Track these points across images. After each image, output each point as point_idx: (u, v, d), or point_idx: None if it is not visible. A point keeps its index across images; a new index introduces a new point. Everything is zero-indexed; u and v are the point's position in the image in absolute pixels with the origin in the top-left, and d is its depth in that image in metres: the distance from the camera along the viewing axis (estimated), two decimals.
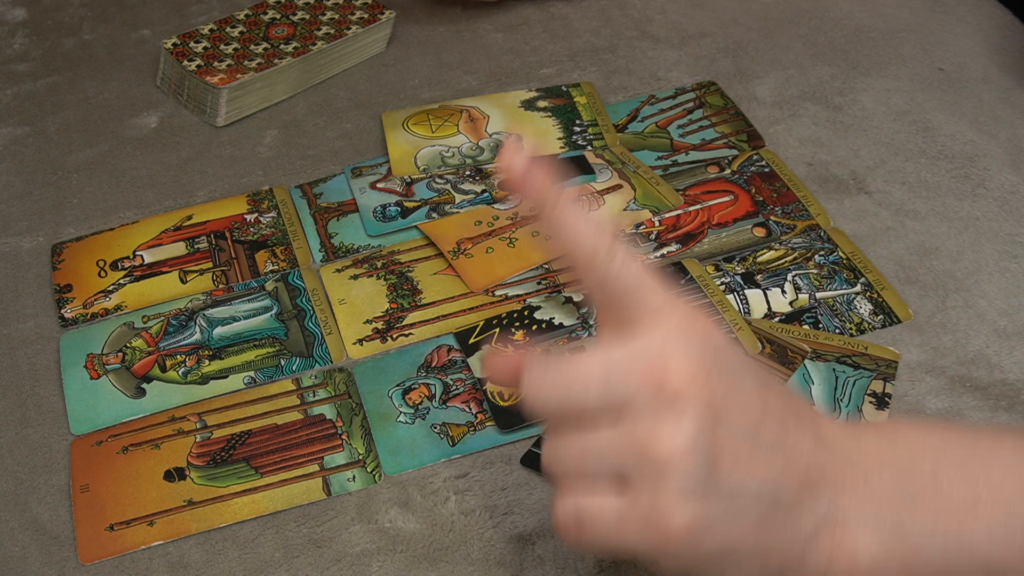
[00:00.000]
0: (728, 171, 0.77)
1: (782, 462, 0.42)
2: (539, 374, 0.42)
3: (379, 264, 0.71)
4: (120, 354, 0.67)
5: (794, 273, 0.69)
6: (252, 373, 0.65)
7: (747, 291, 0.68)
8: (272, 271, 0.71)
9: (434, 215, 0.74)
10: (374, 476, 0.60)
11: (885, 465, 0.44)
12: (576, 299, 0.68)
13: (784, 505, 0.42)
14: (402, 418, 0.62)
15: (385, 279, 0.70)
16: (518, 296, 0.69)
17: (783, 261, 0.70)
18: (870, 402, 0.61)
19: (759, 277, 0.69)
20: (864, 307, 0.67)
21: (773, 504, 0.42)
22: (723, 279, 0.69)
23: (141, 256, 0.73)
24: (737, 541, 0.42)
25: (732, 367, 0.42)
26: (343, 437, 0.62)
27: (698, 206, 0.74)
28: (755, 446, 0.41)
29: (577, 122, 0.81)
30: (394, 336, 0.67)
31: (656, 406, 0.40)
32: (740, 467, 0.41)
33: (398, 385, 0.64)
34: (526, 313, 0.67)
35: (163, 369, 0.66)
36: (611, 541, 0.42)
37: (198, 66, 0.83)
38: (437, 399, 0.63)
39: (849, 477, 0.44)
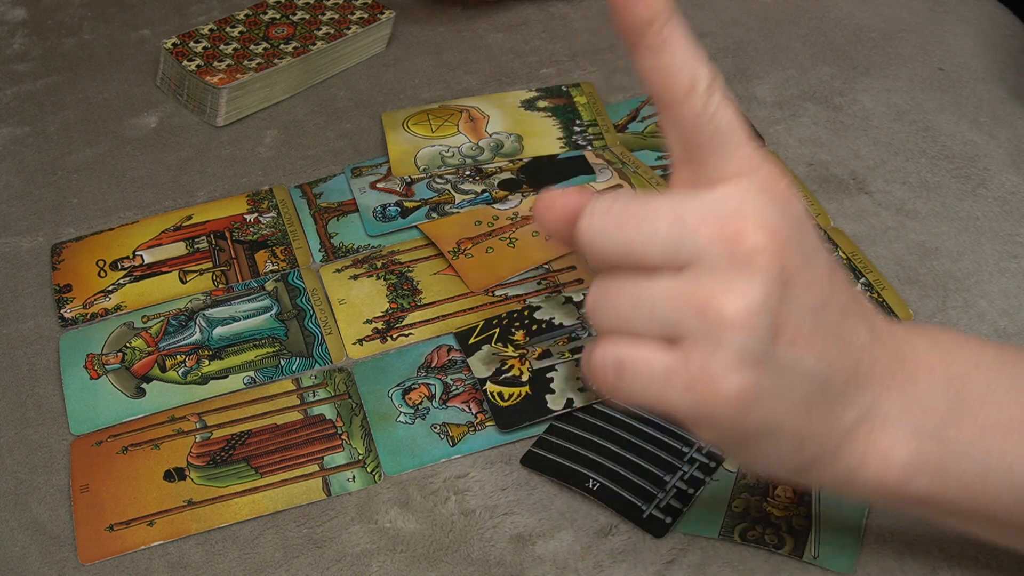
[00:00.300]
0: None
1: (837, 348, 0.41)
2: (604, 208, 0.40)
3: (379, 264, 0.71)
4: (120, 354, 0.67)
5: None
6: (252, 373, 0.65)
7: None
8: (272, 271, 0.71)
9: (434, 215, 0.74)
10: (374, 476, 0.60)
11: (936, 372, 0.43)
12: (576, 299, 0.68)
13: (831, 392, 0.41)
14: (402, 418, 0.62)
15: (385, 279, 0.70)
16: (518, 296, 0.69)
17: None
18: None
19: None
20: None
21: (822, 388, 0.41)
22: None
23: (141, 256, 0.73)
24: (780, 420, 0.40)
25: (807, 241, 0.40)
26: (343, 437, 0.62)
27: None
28: (816, 327, 0.40)
29: (577, 122, 0.81)
30: (394, 336, 0.67)
31: (727, 263, 0.38)
32: (799, 344, 0.39)
33: (398, 385, 0.64)
34: (526, 313, 0.67)
35: (163, 369, 0.66)
36: (651, 395, 0.40)
37: (198, 66, 0.83)
38: (437, 399, 0.63)
39: (898, 378, 0.43)
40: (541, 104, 0.83)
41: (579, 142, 0.79)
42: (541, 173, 0.77)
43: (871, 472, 0.43)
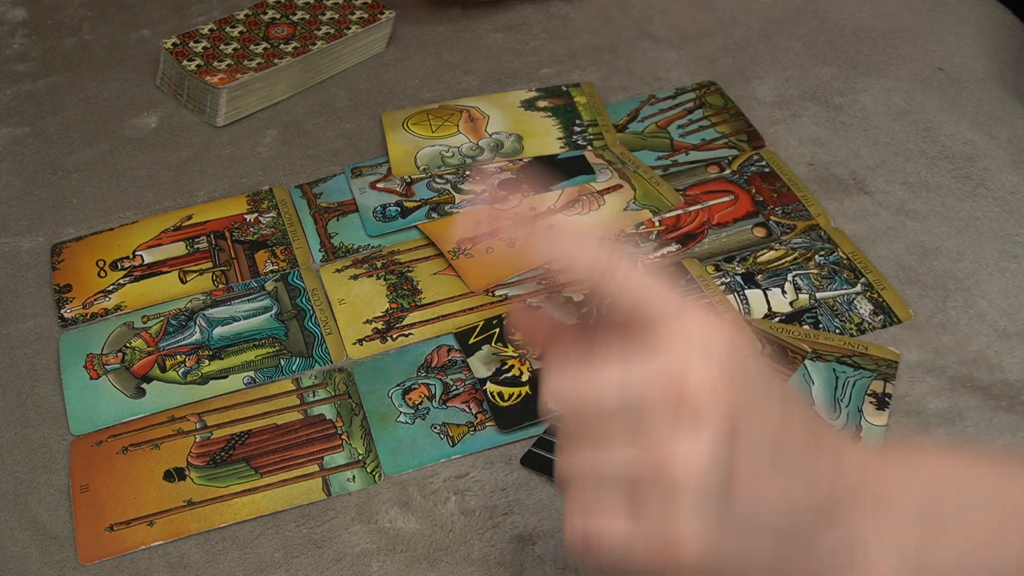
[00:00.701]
0: (728, 171, 0.77)
1: (802, 486, 0.41)
2: (558, 380, 0.41)
3: (379, 264, 0.71)
4: (120, 354, 0.67)
5: (794, 273, 0.69)
6: (252, 373, 0.65)
7: (747, 291, 0.68)
8: (272, 271, 0.71)
9: (434, 215, 0.74)
10: (374, 476, 0.60)
11: (909, 491, 0.43)
12: (576, 299, 0.68)
13: (802, 533, 0.41)
14: (402, 418, 0.62)
15: (385, 279, 0.70)
16: (518, 296, 0.69)
17: (783, 261, 0.70)
18: (870, 402, 0.61)
19: (759, 277, 0.69)
20: (864, 307, 0.67)
21: (790, 532, 0.41)
22: (723, 279, 0.69)
23: (141, 256, 0.73)
24: (752, 566, 0.40)
25: (754, 381, 0.40)
26: (343, 437, 0.62)
27: (698, 206, 0.74)
28: (774, 467, 0.40)
29: (577, 122, 0.81)
30: (394, 336, 0.67)
31: (674, 419, 0.38)
32: (757, 489, 0.39)
33: (398, 385, 0.64)
34: None
35: (163, 369, 0.66)
36: (619, 563, 0.40)
37: (198, 66, 0.83)
38: (437, 399, 0.63)
39: (871, 503, 0.42)
40: (541, 104, 0.83)
41: (579, 142, 0.79)
42: (541, 173, 0.77)
43: None
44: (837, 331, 0.65)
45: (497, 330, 0.66)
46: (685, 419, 0.38)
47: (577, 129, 0.80)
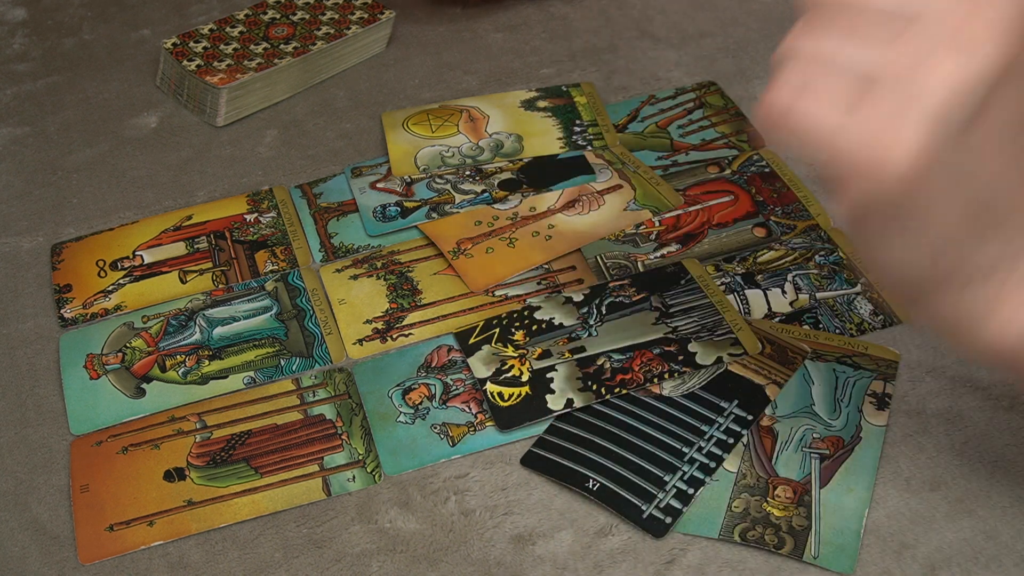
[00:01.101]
0: (728, 171, 0.77)
1: (1014, 178, 0.39)
2: None
3: (379, 264, 0.71)
4: (120, 354, 0.67)
5: (794, 273, 0.69)
6: (252, 373, 0.65)
7: (747, 291, 0.68)
8: (272, 271, 0.71)
9: (434, 215, 0.74)
10: (374, 476, 0.60)
11: None
12: (576, 299, 0.68)
13: (989, 214, 0.39)
14: (402, 418, 0.62)
15: (385, 279, 0.70)
16: (518, 296, 0.69)
17: (783, 261, 0.70)
18: (870, 402, 0.61)
19: (759, 277, 0.69)
20: (864, 307, 0.67)
21: (984, 203, 0.39)
22: (723, 279, 0.69)
23: (141, 256, 0.73)
24: (936, 209, 0.38)
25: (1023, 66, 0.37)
26: (343, 437, 0.62)
27: (698, 206, 0.74)
28: (1006, 143, 0.38)
29: (577, 122, 0.81)
30: (394, 336, 0.67)
31: (949, 38, 0.35)
32: (990, 143, 0.37)
33: (398, 385, 0.64)
34: (526, 313, 0.67)
35: (163, 369, 0.66)
36: (825, 127, 0.37)
37: (198, 66, 0.83)
38: (437, 399, 0.63)
39: None
40: (541, 104, 0.83)
41: (579, 142, 0.79)
42: (541, 173, 0.77)
43: (992, 324, 0.41)
44: (837, 331, 0.65)
45: (497, 330, 0.66)
46: (962, 44, 0.36)
47: (577, 129, 0.80)
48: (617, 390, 0.62)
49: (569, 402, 0.62)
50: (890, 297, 0.44)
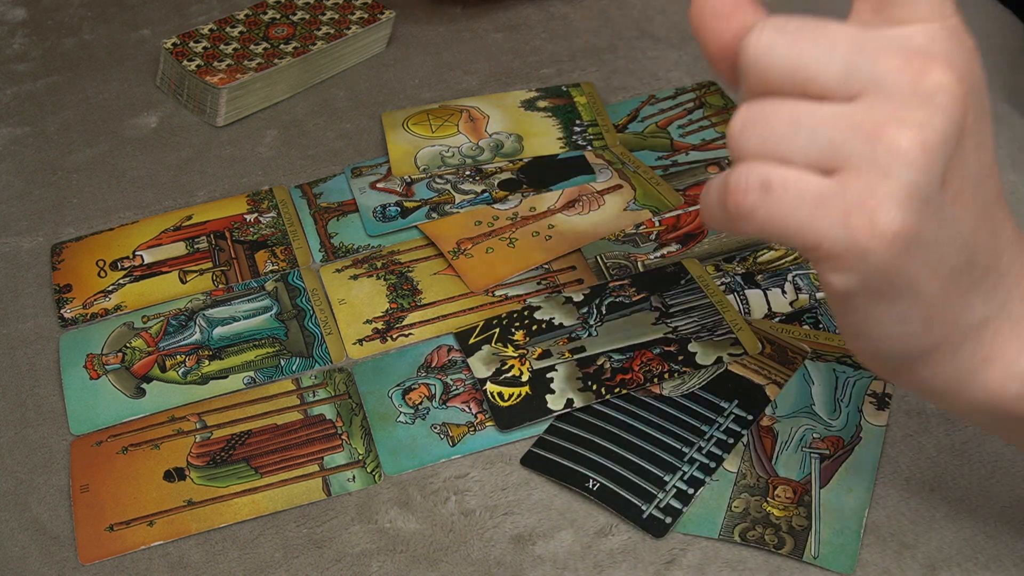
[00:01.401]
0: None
1: (988, 229, 0.39)
2: (778, 24, 0.36)
3: (379, 264, 0.71)
4: (120, 354, 0.67)
5: (794, 273, 0.69)
6: (252, 373, 0.65)
7: (747, 291, 0.68)
8: (272, 271, 0.71)
9: (434, 215, 0.74)
10: (374, 476, 0.60)
11: None
12: (576, 299, 0.68)
13: (972, 273, 0.39)
14: (402, 418, 0.62)
15: (385, 279, 0.70)
16: (518, 296, 0.69)
17: (783, 261, 0.70)
18: (870, 402, 0.61)
19: (759, 277, 0.69)
20: None
21: (966, 264, 0.38)
22: (723, 279, 0.69)
23: (141, 256, 0.73)
24: (923, 281, 0.37)
25: (983, 104, 0.37)
26: (343, 437, 0.62)
27: (698, 206, 0.74)
28: (975, 195, 0.38)
29: (577, 122, 0.81)
30: (394, 336, 0.67)
31: (908, 95, 0.35)
32: (960, 204, 0.37)
33: (398, 385, 0.64)
34: (526, 313, 0.67)
35: (163, 369, 0.66)
36: (796, 220, 0.36)
37: (198, 66, 0.83)
38: (437, 399, 0.63)
39: None
40: (541, 104, 0.83)
41: (579, 142, 0.79)
42: (541, 173, 0.77)
43: (991, 378, 0.41)
44: (837, 331, 0.65)
45: (497, 330, 0.66)
46: (922, 98, 0.35)
47: (577, 129, 0.80)
48: (617, 390, 0.62)
49: (569, 402, 0.62)
50: (873, 370, 0.43)
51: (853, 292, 0.38)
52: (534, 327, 0.66)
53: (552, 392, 0.62)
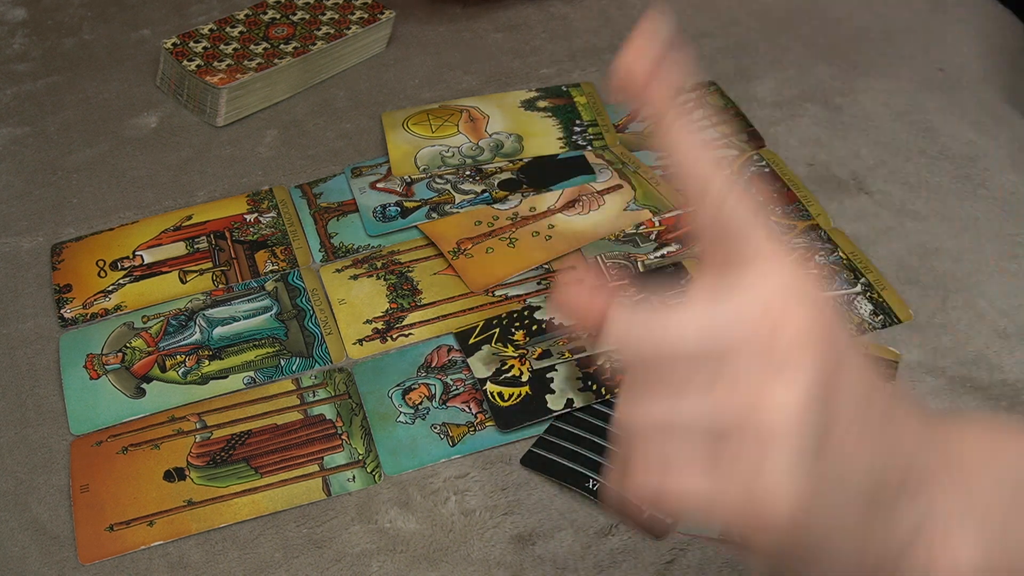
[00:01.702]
0: (728, 171, 0.77)
1: (886, 450, 0.38)
2: (627, 318, 0.37)
3: (379, 264, 0.71)
4: (120, 354, 0.67)
5: None
6: (252, 373, 0.65)
7: None
8: (272, 271, 0.71)
9: (434, 215, 0.74)
10: (374, 476, 0.60)
11: (991, 466, 0.41)
12: None
13: (885, 497, 0.39)
14: (402, 418, 0.62)
15: (385, 279, 0.70)
16: (518, 296, 0.69)
17: None
18: None
19: None
20: (864, 307, 0.67)
21: (875, 493, 0.38)
22: None
23: (141, 256, 0.73)
24: (837, 529, 0.38)
25: (841, 338, 0.37)
26: (343, 437, 0.62)
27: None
28: (864, 426, 0.38)
29: (577, 122, 0.81)
30: (394, 336, 0.67)
31: (763, 365, 0.35)
32: (848, 446, 0.36)
33: (398, 385, 0.64)
34: (526, 313, 0.67)
35: (163, 369, 0.66)
36: (699, 519, 0.38)
37: (198, 66, 0.83)
38: (437, 399, 0.63)
39: (952, 477, 0.41)
40: (541, 104, 0.83)
41: (579, 142, 0.79)
42: (541, 173, 0.77)
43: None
44: None
45: (497, 330, 0.66)
46: (778, 366, 0.35)
47: (577, 129, 0.80)
48: (617, 390, 0.62)
49: (569, 402, 0.62)
50: None
51: (778, 561, 0.38)
52: (534, 327, 0.66)
53: (552, 392, 0.62)
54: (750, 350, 0.35)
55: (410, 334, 0.67)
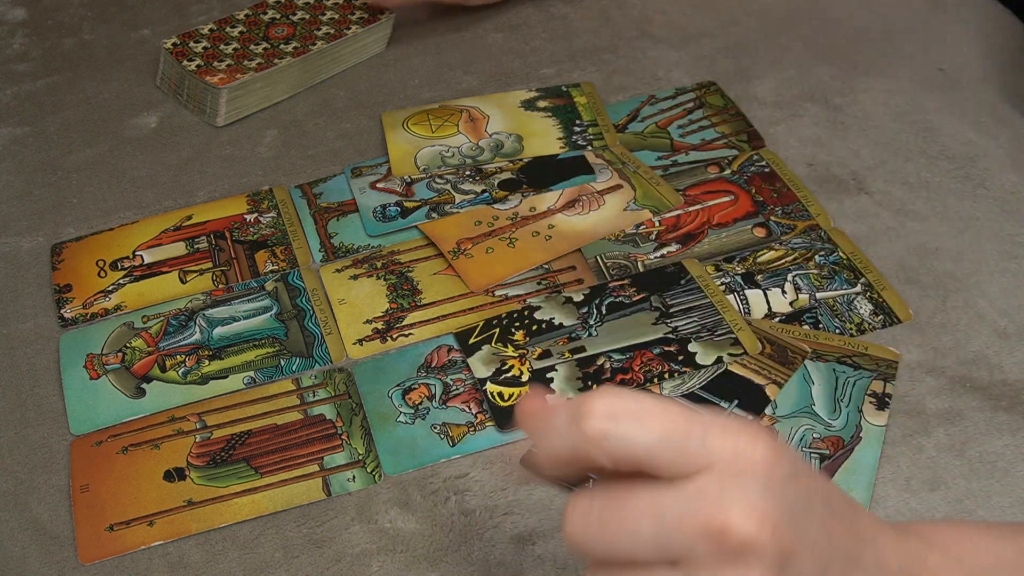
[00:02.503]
0: (728, 171, 0.77)
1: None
2: (583, 512, 0.38)
3: (379, 264, 0.71)
4: (120, 354, 0.67)
5: (794, 273, 0.69)
6: (252, 373, 0.65)
7: (747, 291, 0.68)
8: (272, 271, 0.71)
9: (434, 215, 0.74)
10: (374, 476, 0.60)
11: None
12: (576, 299, 0.68)
13: None
14: (402, 418, 0.62)
15: (385, 279, 0.70)
16: (518, 296, 0.69)
17: (783, 261, 0.70)
18: (870, 402, 0.61)
19: (759, 277, 0.69)
20: (864, 307, 0.67)
21: None
22: (723, 279, 0.69)
23: (141, 256, 0.73)
24: None
25: (797, 501, 0.38)
26: (343, 437, 0.62)
27: (698, 206, 0.74)
28: (843, 570, 0.39)
29: (577, 122, 0.81)
30: (394, 336, 0.67)
31: (717, 560, 0.36)
32: None
33: (398, 385, 0.64)
34: (526, 313, 0.67)
35: (163, 369, 0.66)
36: None
37: (198, 66, 0.83)
38: (437, 399, 0.63)
39: None
40: (541, 104, 0.83)
41: (579, 142, 0.79)
42: (541, 173, 0.77)
43: None
44: (837, 331, 0.65)
45: (497, 330, 0.66)
46: (731, 559, 0.36)
47: (577, 129, 0.80)
48: None
49: None
50: None
51: None
52: (534, 327, 0.66)
53: (552, 392, 0.62)
54: (703, 548, 0.36)
55: (410, 334, 0.67)
